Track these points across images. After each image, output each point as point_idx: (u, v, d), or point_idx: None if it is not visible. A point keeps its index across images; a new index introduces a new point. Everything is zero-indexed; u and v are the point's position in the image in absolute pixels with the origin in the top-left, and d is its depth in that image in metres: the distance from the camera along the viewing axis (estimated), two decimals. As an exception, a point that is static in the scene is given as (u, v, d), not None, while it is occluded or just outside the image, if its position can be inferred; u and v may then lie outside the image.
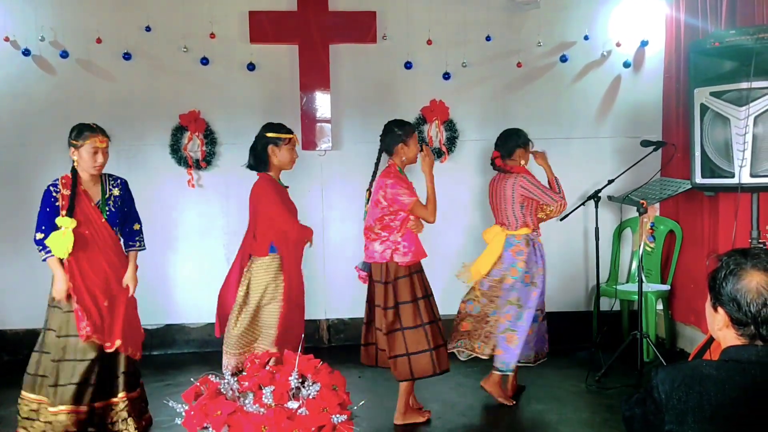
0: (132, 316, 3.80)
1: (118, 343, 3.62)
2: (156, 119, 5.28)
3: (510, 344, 4.12)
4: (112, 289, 3.67)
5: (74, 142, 3.59)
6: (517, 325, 4.12)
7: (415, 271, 3.88)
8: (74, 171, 3.63)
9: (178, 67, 5.27)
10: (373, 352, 4.02)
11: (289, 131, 3.90)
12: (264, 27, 5.21)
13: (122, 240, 3.83)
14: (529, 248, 4.15)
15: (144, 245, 3.91)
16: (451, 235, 5.29)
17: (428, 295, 3.93)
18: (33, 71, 5.15)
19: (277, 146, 3.84)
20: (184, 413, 2.60)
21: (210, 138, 5.30)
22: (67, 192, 3.58)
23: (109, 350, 3.61)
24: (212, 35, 5.17)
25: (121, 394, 3.71)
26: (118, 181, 3.78)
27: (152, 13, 5.15)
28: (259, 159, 3.87)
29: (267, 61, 5.32)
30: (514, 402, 4.21)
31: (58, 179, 3.63)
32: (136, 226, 3.87)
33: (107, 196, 3.68)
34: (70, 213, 3.54)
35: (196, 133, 5.28)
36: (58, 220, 3.51)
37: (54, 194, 3.58)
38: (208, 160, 5.31)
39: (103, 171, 3.72)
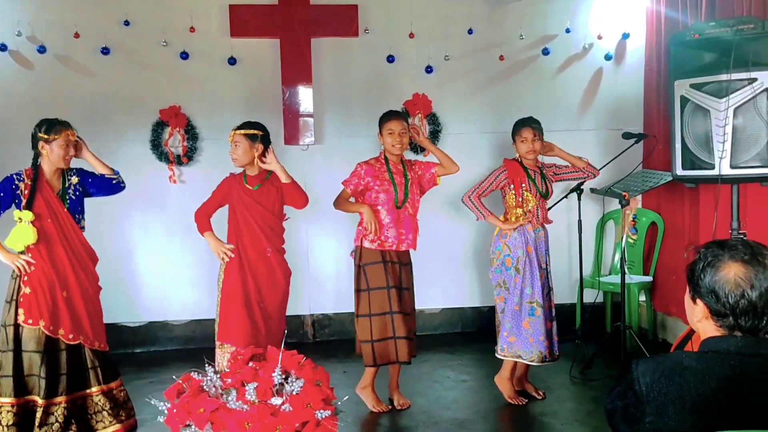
0: (93, 309, 3.74)
1: (82, 337, 3.63)
2: (136, 114, 5.22)
3: (501, 328, 4.12)
4: (70, 280, 3.63)
5: (45, 136, 3.56)
6: (506, 310, 4.10)
7: None
8: (36, 164, 3.62)
9: (158, 61, 5.22)
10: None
11: (234, 128, 3.93)
12: (245, 21, 5.17)
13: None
14: (515, 233, 4.11)
15: (121, 178, 3.85)
16: (436, 228, 5.29)
17: None
18: (10, 67, 5.07)
19: None
20: (166, 411, 2.57)
21: (191, 133, 5.26)
22: (29, 182, 3.57)
23: (71, 342, 3.59)
24: (192, 29, 5.12)
25: (94, 388, 3.67)
26: (74, 169, 3.74)
27: (131, 7, 5.09)
28: None
29: (248, 56, 5.28)
30: (524, 402, 4.09)
31: (22, 170, 3.62)
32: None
33: (67, 185, 3.67)
34: (29, 205, 3.54)
35: (177, 129, 5.23)
36: (18, 213, 3.52)
37: (16, 182, 3.58)
38: (189, 155, 5.27)
39: None
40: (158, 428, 3.30)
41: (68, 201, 3.67)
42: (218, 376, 2.68)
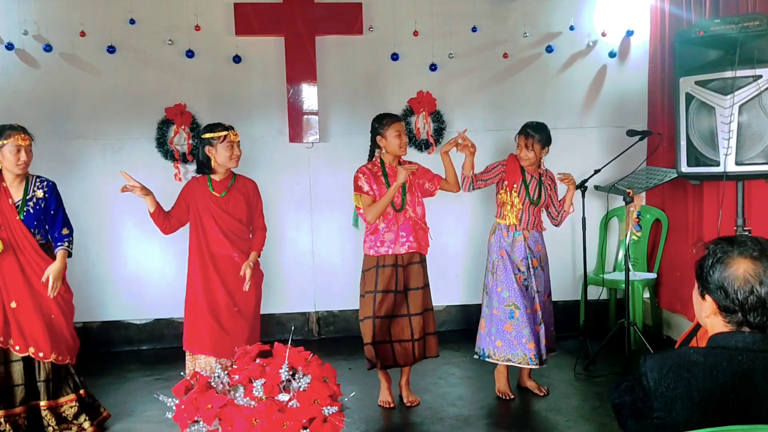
0: (55, 320, 3.63)
1: (31, 350, 3.55)
2: (141, 113, 5.24)
3: (481, 329, 4.17)
4: (24, 292, 3.55)
5: None
6: (485, 312, 4.15)
7: None
8: None
9: (163, 60, 5.23)
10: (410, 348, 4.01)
11: (224, 128, 3.75)
12: (249, 19, 5.18)
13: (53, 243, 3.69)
14: (494, 235, 4.16)
15: (71, 248, 3.67)
16: (440, 226, 5.29)
17: None
18: (16, 65, 5.09)
19: (213, 146, 3.74)
20: (174, 407, 2.59)
21: (196, 131, 5.25)
22: None
23: (20, 354, 3.55)
24: (197, 27, 5.14)
25: (42, 402, 3.61)
26: (45, 183, 3.66)
27: (136, 5, 5.10)
28: (200, 162, 3.84)
29: (253, 54, 5.29)
30: (511, 396, 4.14)
31: None
32: (65, 231, 3.67)
33: (29, 196, 3.58)
34: None
35: (182, 127, 5.25)
36: None
37: None
38: (194, 153, 5.28)
39: (45, 173, 3.69)
40: (166, 424, 3.33)
41: (24, 212, 3.56)
42: (226, 372, 2.70)
